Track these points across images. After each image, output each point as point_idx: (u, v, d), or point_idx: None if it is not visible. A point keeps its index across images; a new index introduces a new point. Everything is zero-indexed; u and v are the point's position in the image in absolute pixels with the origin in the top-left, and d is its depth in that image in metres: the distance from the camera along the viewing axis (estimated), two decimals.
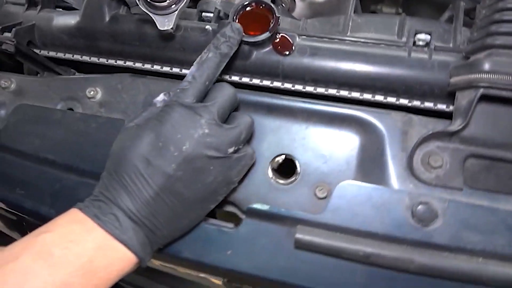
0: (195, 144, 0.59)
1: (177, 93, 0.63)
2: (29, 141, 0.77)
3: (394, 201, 0.63)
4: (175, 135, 0.59)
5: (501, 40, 0.58)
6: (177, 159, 0.59)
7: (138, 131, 0.62)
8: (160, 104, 0.66)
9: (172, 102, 0.62)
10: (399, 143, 0.67)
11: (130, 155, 0.60)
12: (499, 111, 0.61)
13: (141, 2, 0.68)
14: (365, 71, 0.71)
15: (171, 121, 0.60)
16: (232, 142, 0.63)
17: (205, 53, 0.65)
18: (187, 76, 0.64)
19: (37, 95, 0.82)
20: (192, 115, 0.60)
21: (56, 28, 0.82)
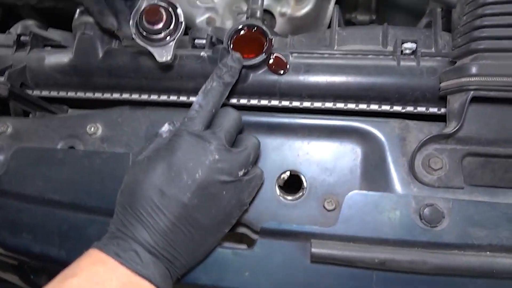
0: (207, 171, 0.61)
1: (185, 122, 0.64)
2: (32, 184, 0.77)
3: (402, 206, 0.65)
4: (187, 164, 0.61)
5: (484, 45, 0.62)
6: (191, 187, 0.60)
7: (149, 163, 0.62)
8: (167, 134, 0.67)
9: (181, 131, 0.63)
10: (399, 149, 0.70)
11: (143, 188, 0.60)
12: (489, 110, 0.65)
13: (137, 36, 0.69)
14: (359, 82, 0.74)
15: (182, 150, 0.61)
16: (242, 165, 0.64)
17: (209, 82, 0.67)
18: (193, 105, 0.66)
19: (35, 136, 0.81)
20: (201, 143, 0.62)
21: (48, 67, 0.82)
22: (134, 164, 0.65)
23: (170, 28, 0.70)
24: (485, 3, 0.63)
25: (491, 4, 0.62)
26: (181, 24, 0.70)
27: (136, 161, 0.64)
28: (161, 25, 0.69)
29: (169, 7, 0.70)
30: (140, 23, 0.69)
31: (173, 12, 0.70)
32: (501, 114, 0.65)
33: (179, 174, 0.60)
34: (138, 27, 0.69)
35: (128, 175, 0.64)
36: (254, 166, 0.69)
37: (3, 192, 0.79)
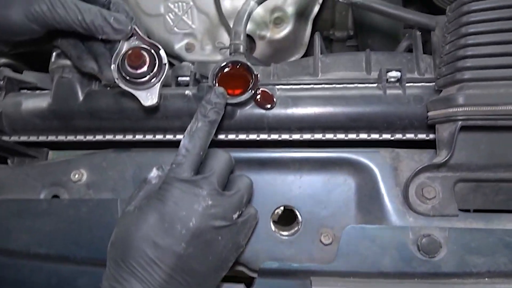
0: (201, 218, 0.59)
1: (173, 169, 0.62)
2: (16, 238, 0.73)
3: (399, 238, 0.65)
4: (180, 213, 0.59)
5: (469, 74, 0.63)
6: (186, 236, 0.58)
7: (140, 214, 0.60)
8: (156, 181, 0.65)
9: (170, 178, 0.61)
10: (392, 179, 0.70)
11: (136, 241, 0.58)
12: (477, 137, 0.66)
13: (120, 80, 0.67)
14: (347, 113, 0.73)
15: (173, 199, 0.59)
16: (236, 208, 0.63)
17: (193, 123, 0.64)
18: (179, 149, 0.63)
19: (16, 186, 0.78)
20: (193, 189, 0.60)
21: (26, 112, 0.79)
22: (124, 215, 0.62)
23: (154, 71, 0.68)
24: (468, 33, 0.64)
25: (473, 34, 0.63)
26: (165, 66, 0.68)
27: (126, 212, 0.62)
28: (145, 69, 0.67)
29: (152, 49, 0.68)
30: (123, 67, 0.67)
31: (155, 54, 0.68)
32: (490, 140, 0.65)
33: (172, 224, 0.58)
34: (120, 71, 0.67)
35: (118, 227, 0.62)
36: (248, 206, 0.67)
37: None
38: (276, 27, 1.16)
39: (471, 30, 0.63)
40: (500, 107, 0.61)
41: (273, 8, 1.13)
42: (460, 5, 0.66)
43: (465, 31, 0.64)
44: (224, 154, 0.66)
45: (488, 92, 0.62)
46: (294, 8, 1.14)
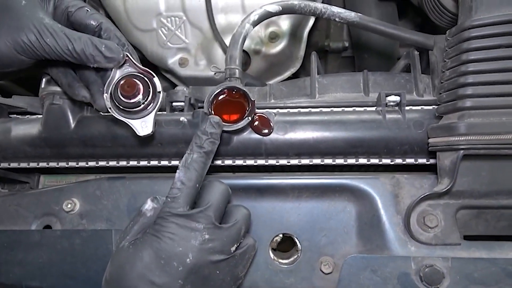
0: (198, 254, 0.57)
1: (168, 203, 0.60)
2: (7, 271, 0.71)
3: (401, 268, 0.64)
4: (176, 249, 0.57)
5: (470, 103, 0.62)
6: (182, 273, 0.57)
7: (135, 251, 0.58)
8: (151, 213, 0.63)
9: (165, 213, 0.59)
10: (393, 207, 0.69)
11: (131, 280, 0.56)
12: (479, 165, 0.65)
13: (113, 109, 0.65)
14: (346, 139, 0.72)
15: (169, 235, 0.57)
16: (234, 240, 0.61)
17: (188, 154, 0.62)
18: (175, 182, 0.61)
19: (7, 216, 0.75)
20: (189, 224, 0.58)
21: (16, 140, 0.77)
22: (118, 251, 0.60)
23: (148, 99, 0.66)
24: (468, 60, 0.62)
25: (474, 61, 0.62)
26: (159, 93, 0.66)
27: (120, 248, 0.60)
28: (139, 98, 0.65)
29: (145, 77, 0.66)
30: (115, 96, 0.65)
31: (149, 81, 0.66)
32: (491, 167, 0.64)
33: (169, 261, 0.56)
34: (113, 100, 0.65)
35: (113, 264, 0.60)
36: (246, 237, 0.65)
37: None
38: (271, 42, 1.14)
39: (472, 57, 0.62)
40: (502, 136, 0.60)
41: (268, 23, 1.11)
42: (460, 31, 0.65)
43: (466, 57, 0.63)
44: (220, 186, 0.64)
45: (490, 120, 0.61)
46: (289, 23, 1.12)
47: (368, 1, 1.16)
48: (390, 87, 0.82)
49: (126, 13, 1.13)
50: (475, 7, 0.64)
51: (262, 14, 0.78)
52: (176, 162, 0.76)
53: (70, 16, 0.66)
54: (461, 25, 0.65)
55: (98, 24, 0.66)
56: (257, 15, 0.78)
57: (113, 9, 1.14)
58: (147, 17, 1.13)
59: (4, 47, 0.61)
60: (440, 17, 0.85)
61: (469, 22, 0.63)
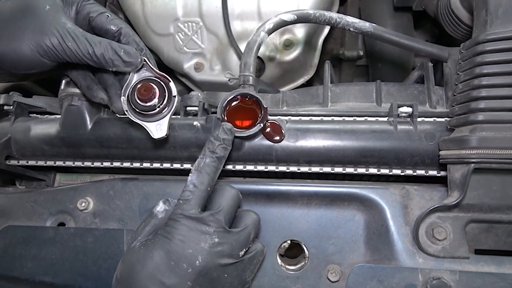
0: (207, 256, 0.58)
1: (180, 205, 0.61)
2: (21, 265, 0.73)
3: (408, 279, 0.64)
4: (186, 251, 0.58)
5: (482, 116, 0.62)
6: (192, 275, 0.57)
7: (146, 251, 0.59)
8: (162, 215, 0.64)
9: (177, 215, 0.60)
10: (402, 217, 0.69)
11: (141, 280, 0.57)
12: (490, 178, 0.64)
13: (130, 112, 0.67)
14: (356, 148, 0.72)
15: (180, 236, 0.58)
16: (243, 245, 0.62)
17: (201, 158, 0.64)
18: (187, 185, 0.62)
19: (23, 213, 0.77)
20: (200, 226, 0.59)
21: (35, 139, 0.79)
22: (129, 251, 0.61)
23: (164, 103, 0.67)
24: (482, 74, 0.62)
25: (488, 75, 0.62)
26: (175, 98, 0.68)
27: (131, 248, 0.61)
28: (155, 101, 0.67)
29: (161, 81, 0.68)
30: (132, 99, 0.67)
31: (165, 86, 0.68)
32: (502, 182, 0.64)
33: (178, 262, 0.57)
34: (130, 103, 0.67)
35: (124, 263, 0.61)
36: (254, 242, 0.66)
37: None
38: (286, 49, 1.15)
39: (486, 71, 0.62)
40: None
41: (283, 31, 1.12)
42: (474, 44, 0.65)
43: (479, 71, 0.63)
44: (231, 190, 0.65)
45: (502, 135, 0.61)
46: (304, 31, 1.13)
47: (384, 11, 1.17)
48: (403, 98, 0.82)
49: (144, 17, 1.15)
50: (490, 21, 0.64)
51: (277, 23, 0.79)
52: (188, 166, 0.78)
53: (91, 21, 0.68)
54: (475, 38, 0.65)
55: (118, 29, 0.68)
56: (272, 24, 0.79)
57: (132, 13, 1.17)
58: (164, 22, 1.15)
59: (27, 50, 0.63)
60: (455, 29, 0.85)
61: (483, 36, 0.63)
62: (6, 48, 0.64)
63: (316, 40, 1.21)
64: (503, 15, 0.63)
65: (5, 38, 0.64)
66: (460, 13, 0.82)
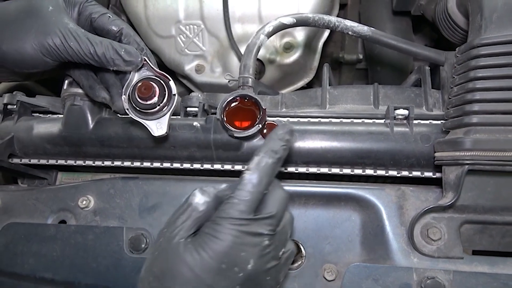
0: (258, 260, 0.55)
1: (234, 204, 0.55)
2: (22, 262, 0.74)
3: (403, 279, 0.65)
4: (238, 254, 0.54)
5: (476, 119, 0.63)
6: (241, 279, 0.54)
7: (193, 250, 0.53)
8: (203, 208, 0.57)
9: (229, 214, 0.55)
10: (397, 218, 0.70)
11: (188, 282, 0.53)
12: (484, 180, 0.65)
13: (131, 110, 0.68)
14: (353, 150, 0.74)
15: (232, 239, 0.53)
16: (283, 245, 0.60)
17: (262, 157, 0.58)
18: (244, 183, 0.56)
19: (25, 210, 0.79)
20: (254, 229, 0.55)
21: (37, 138, 0.80)
22: (173, 247, 0.55)
23: (164, 101, 0.69)
24: (476, 77, 0.64)
25: (482, 79, 0.63)
26: (174, 96, 0.69)
27: (176, 244, 0.54)
28: (155, 100, 0.68)
29: (161, 80, 0.69)
30: (133, 98, 0.68)
31: (165, 85, 0.69)
32: (497, 183, 0.65)
33: (231, 266, 0.53)
34: (131, 102, 0.68)
35: (165, 259, 0.54)
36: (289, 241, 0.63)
37: None
38: (286, 52, 1.17)
39: (480, 75, 0.63)
40: (508, 152, 0.61)
41: (283, 34, 1.14)
42: (469, 48, 0.66)
43: (473, 75, 0.64)
44: (283, 193, 0.61)
45: (495, 137, 0.62)
46: (304, 34, 1.15)
47: (383, 15, 1.18)
48: (400, 101, 0.83)
49: (146, 20, 1.17)
50: (485, 26, 0.65)
51: (276, 26, 0.81)
52: (187, 165, 0.79)
53: (93, 21, 0.70)
54: (470, 43, 0.66)
55: (119, 30, 0.69)
56: (271, 27, 0.80)
57: (134, 15, 1.18)
58: (166, 24, 1.17)
59: (31, 49, 0.64)
60: (452, 33, 0.86)
61: (478, 40, 0.65)
62: (9, 48, 0.65)
63: (316, 43, 1.23)
64: (497, 20, 0.65)
65: (9, 38, 0.66)
66: (456, 18, 0.83)
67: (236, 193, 0.56)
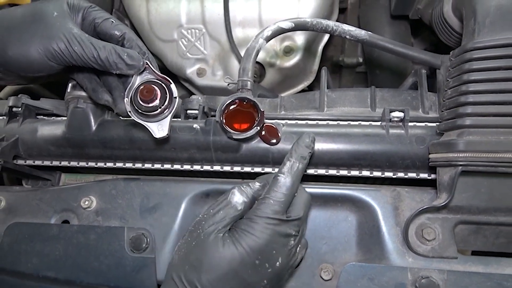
0: (286, 258, 0.62)
1: (270, 205, 0.61)
2: (26, 261, 0.76)
3: (398, 278, 0.66)
4: (271, 252, 0.60)
5: (469, 121, 0.64)
6: (270, 274, 0.60)
7: (231, 245, 0.59)
8: (241, 207, 0.63)
9: (267, 213, 0.60)
10: (393, 219, 0.71)
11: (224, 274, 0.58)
12: (478, 181, 0.67)
13: (133, 112, 0.70)
14: (350, 151, 0.75)
15: (267, 237, 0.59)
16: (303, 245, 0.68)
17: (293, 163, 0.65)
18: (279, 186, 0.63)
19: (29, 210, 0.81)
20: (286, 230, 0.61)
21: (41, 139, 0.82)
22: (211, 240, 0.60)
23: (165, 104, 0.70)
24: (469, 80, 0.65)
25: (475, 82, 0.64)
26: (175, 99, 0.71)
27: (213, 238, 0.60)
28: (156, 102, 0.70)
29: (163, 83, 0.71)
30: (135, 101, 0.70)
31: (166, 88, 0.71)
32: (490, 184, 0.66)
33: (262, 262, 0.59)
34: (133, 104, 0.70)
35: (203, 250, 0.59)
36: None
37: None
38: (286, 56, 1.18)
39: (473, 78, 0.65)
40: (500, 154, 0.62)
41: (283, 38, 1.16)
42: (463, 52, 0.67)
43: (466, 78, 0.65)
44: (308, 196, 0.67)
45: (488, 139, 0.63)
46: (304, 38, 1.16)
47: (382, 20, 1.20)
48: (396, 104, 0.85)
49: (149, 24, 1.19)
50: (478, 30, 0.67)
51: (275, 30, 0.82)
52: (187, 167, 0.81)
53: (97, 27, 0.72)
54: (463, 46, 0.67)
55: (122, 34, 0.71)
56: (270, 31, 0.82)
57: (137, 20, 1.20)
58: (168, 29, 1.19)
59: (36, 54, 0.67)
60: (448, 37, 0.87)
61: (471, 44, 0.66)
62: (16, 52, 0.68)
63: (316, 47, 1.24)
64: (490, 24, 0.66)
65: (15, 43, 0.68)
66: (452, 22, 0.84)
67: (272, 194, 0.62)
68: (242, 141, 0.76)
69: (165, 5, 1.18)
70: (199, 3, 1.16)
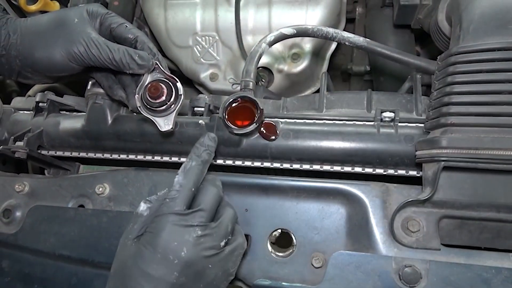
0: (192, 248, 0.63)
1: (166, 203, 0.65)
2: (45, 240, 0.84)
3: (382, 266, 0.70)
4: (171, 243, 0.62)
5: (452, 120, 0.69)
6: (178, 266, 0.62)
7: (135, 247, 0.64)
8: (146, 213, 0.68)
9: (163, 211, 0.65)
10: (381, 211, 0.76)
11: (133, 274, 0.62)
12: (461, 177, 0.70)
13: (142, 108, 0.78)
14: (343, 148, 0.80)
15: (166, 230, 0.62)
16: (223, 236, 0.67)
17: (188, 162, 0.69)
18: (174, 185, 0.67)
19: (49, 195, 0.89)
20: (184, 221, 0.64)
21: (63, 132, 0.91)
22: (122, 248, 0.67)
23: (171, 100, 0.78)
24: (453, 82, 0.69)
25: (458, 83, 0.69)
26: (181, 96, 0.78)
27: (124, 246, 0.66)
28: (163, 99, 0.77)
29: (170, 82, 0.79)
30: (144, 97, 0.77)
31: (173, 86, 0.78)
32: (473, 180, 0.70)
33: (165, 254, 0.62)
34: (142, 100, 0.78)
35: (117, 259, 0.66)
36: (235, 235, 0.71)
37: (18, 247, 0.86)
38: (294, 62, 1.25)
39: (456, 80, 0.69)
40: (480, 151, 0.66)
41: (291, 45, 1.22)
42: (448, 56, 0.72)
43: (450, 80, 0.70)
44: (213, 189, 0.70)
45: (469, 136, 0.67)
46: (311, 45, 1.23)
47: (386, 29, 1.25)
48: (391, 106, 0.90)
49: (166, 31, 1.28)
50: (463, 36, 0.72)
51: (277, 36, 0.89)
52: None
53: (113, 31, 0.80)
54: (449, 51, 0.72)
55: (135, 37, 0.80)
56: (273, 37, 0.89)
57: (156, 27, 1.30)
58: (184, 35, 1.27)
59: (59, 56, 0.75)
60: (443, 44, 0.92)
61: (455, 48, 0.71)
62: (41, 55, 0.77)
63: (323, 54, 1.31)
64: (473, 31, 0.71)
65: (41, 47, 0.77)
66: (445, 29, 0.89)
67: (168, 194, 0.66)
68: (242, 136, 0.82)
69: (182, 13, 1.27)
70: (213, 12, 1.25)
